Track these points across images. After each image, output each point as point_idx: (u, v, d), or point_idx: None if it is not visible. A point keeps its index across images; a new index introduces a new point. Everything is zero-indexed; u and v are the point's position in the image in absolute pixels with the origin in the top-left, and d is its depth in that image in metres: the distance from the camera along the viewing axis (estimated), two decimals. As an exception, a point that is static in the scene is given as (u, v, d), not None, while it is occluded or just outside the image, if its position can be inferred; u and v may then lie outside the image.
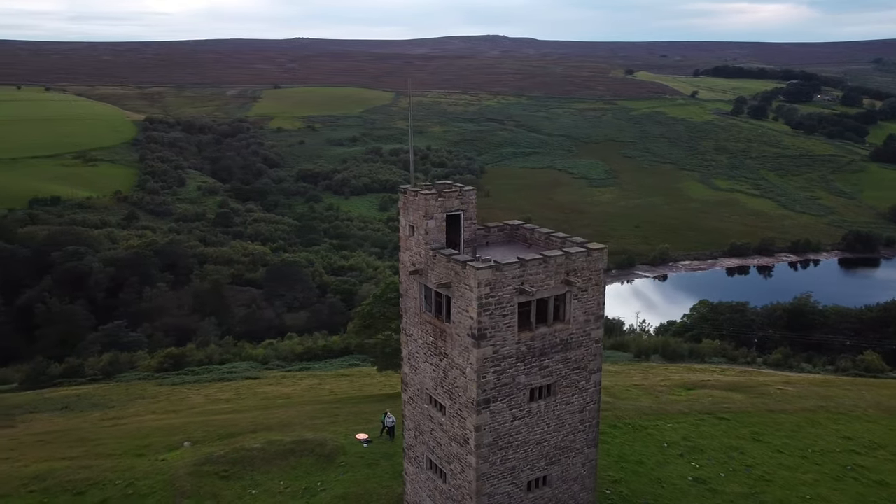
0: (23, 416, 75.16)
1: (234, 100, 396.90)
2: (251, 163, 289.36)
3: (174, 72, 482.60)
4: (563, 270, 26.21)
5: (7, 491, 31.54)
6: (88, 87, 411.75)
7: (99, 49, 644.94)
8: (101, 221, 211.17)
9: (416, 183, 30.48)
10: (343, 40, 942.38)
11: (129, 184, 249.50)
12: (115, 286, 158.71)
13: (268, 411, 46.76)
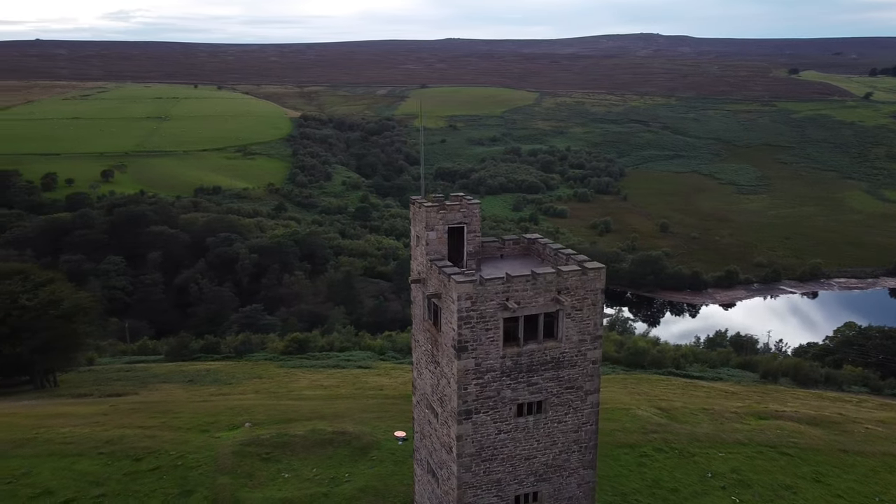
0: (153, 385, 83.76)
1: (382, 99, 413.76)
2: (394, 160, 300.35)
3: (331, 72, 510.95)
4: (553, 288, 26.05)
5: (82, 451, 36.44)
6: (255, 85, 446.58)
7: (267, 51, 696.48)
8: (254, 211, 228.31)
9: (428, 195, 31.37)
10: (492, 40, 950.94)
11: (282, 177, 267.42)
12: (258, 272, 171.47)
13: (333, 401, 49.53)
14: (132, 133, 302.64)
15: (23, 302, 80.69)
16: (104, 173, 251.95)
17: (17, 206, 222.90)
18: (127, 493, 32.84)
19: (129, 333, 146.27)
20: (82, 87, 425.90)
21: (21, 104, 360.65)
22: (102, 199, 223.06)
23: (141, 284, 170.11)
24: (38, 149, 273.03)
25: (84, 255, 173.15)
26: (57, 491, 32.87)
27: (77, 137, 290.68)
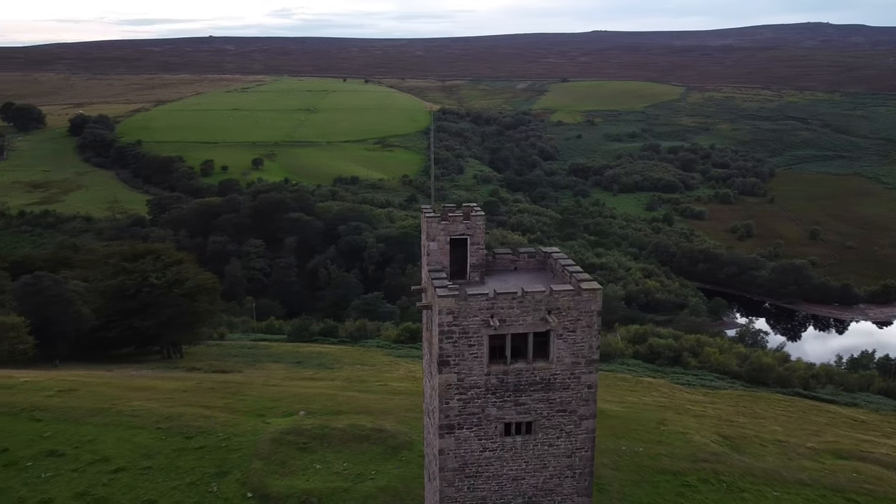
0: (262, 364, 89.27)
1: (522, 93, 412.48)
2: (527, 154, 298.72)
3: (473, 66, 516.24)
4: (542, 307, 25.09)
5: (144, 424, 40.04)
6: (399, 79, 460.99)
7: (414, 45, 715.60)
8: (386, 201, 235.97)
9: (437, 204, 31.09)
10: (640, 32, 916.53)
11: (416, 169, 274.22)
12: (383, 260, 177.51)
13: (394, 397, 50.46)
14: (283, 124, 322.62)
15: (152, 280, 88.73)
16: (255, 161, 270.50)
17: (178, 189, 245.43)
18: (170, 468, 35.67)
19: (256, 312, 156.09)
20: (244, 80, 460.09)
21: (191, 96, 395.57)
22: (251, 185, 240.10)
23: (277, 267, 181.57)
24: (200, 137, 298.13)
25: (229, 237, 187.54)
26: (112, 459, 36.37)
27: (235, 127, 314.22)
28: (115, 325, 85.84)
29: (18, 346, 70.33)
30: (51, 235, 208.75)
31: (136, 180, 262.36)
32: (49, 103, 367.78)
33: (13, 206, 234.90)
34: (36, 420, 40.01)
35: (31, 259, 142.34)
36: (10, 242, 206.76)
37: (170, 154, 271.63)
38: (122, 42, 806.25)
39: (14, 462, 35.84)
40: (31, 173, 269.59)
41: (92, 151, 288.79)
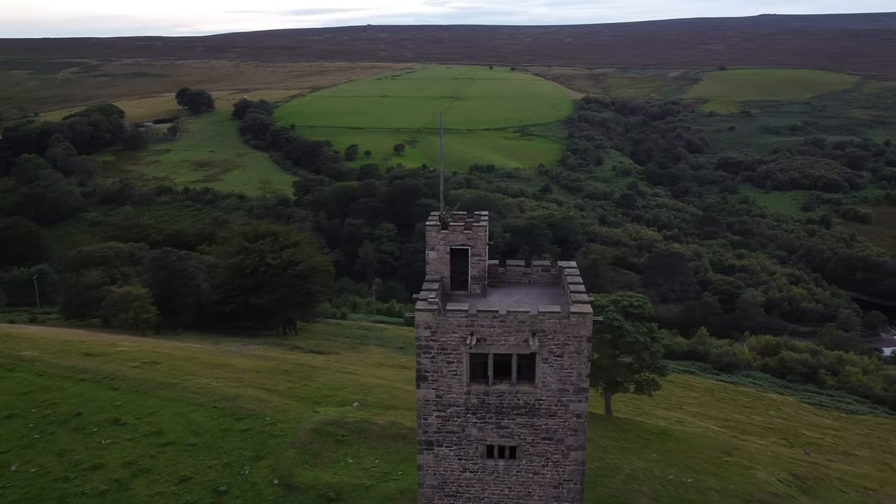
0: (364, 347, 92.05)
1: (673, 81, 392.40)
2: (672, 146, 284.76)
3: (623, 53, 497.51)
4: (526, 329, 23.47)
5: (202, 402, 42.42)
6: (546, 67, 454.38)
7: (564, 32, 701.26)
8: (519, 191, 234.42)
9: (448, 210, 29.84)
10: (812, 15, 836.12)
11: (553, 159, 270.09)
12: (509, 250, 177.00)
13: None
14: (426, 111, 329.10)
15: (268, 260, 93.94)
16: (396, 147, 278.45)
17: (323, 172, 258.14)
18: (213, 447, 37.63)
19: (381, 294, 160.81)
20: (395, 67, 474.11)
21: (344, 83, 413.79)
22: (390, 170, 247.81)
23: (406, 251, 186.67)
24: (348, 123, 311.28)
25: (364, 220, 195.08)
26: (165, 433, 38.99)
27: (381, 114, 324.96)
28: (233, 300, 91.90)
29: (142, 315, 77.21)
30: (209, 211, 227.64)
31: (287, 162, 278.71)
32: (219, 89, 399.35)
33: (180, 182, 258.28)
34: (113, 389, 43.88)
35: (182, 233, 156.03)
36: (174, 216, 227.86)
37: (319, 138, 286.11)
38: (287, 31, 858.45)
39: (83, 427, 39.58)
40: (198, 153, 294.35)
41: (251, 134, 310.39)
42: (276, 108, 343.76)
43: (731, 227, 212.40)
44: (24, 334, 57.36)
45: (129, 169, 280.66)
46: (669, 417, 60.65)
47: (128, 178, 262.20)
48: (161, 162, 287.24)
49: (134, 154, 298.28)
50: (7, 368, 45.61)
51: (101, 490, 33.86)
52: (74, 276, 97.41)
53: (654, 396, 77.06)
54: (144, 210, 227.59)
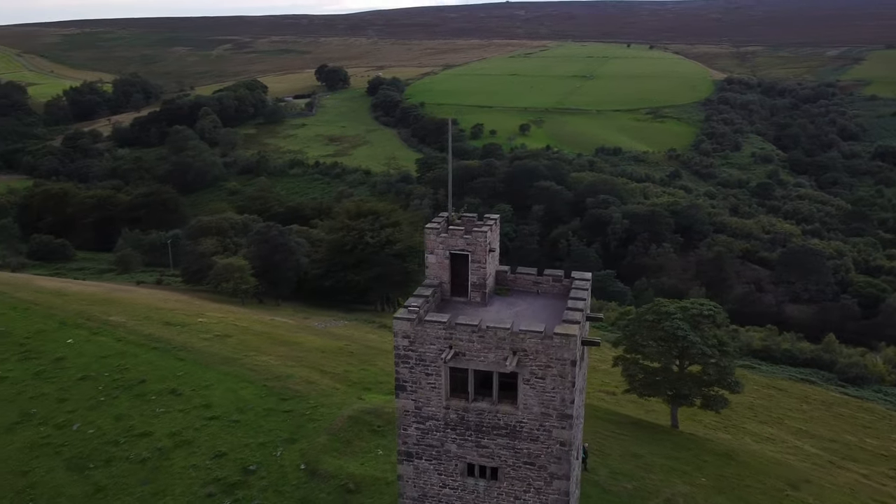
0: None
1: (831, 61, 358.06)
2: (823, 133, 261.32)
3: (775, 30, 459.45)
4: (506, 346, 21.68)
5: (254, 380, 43.49)
6: (688, 45, 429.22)
7: (710, 8, 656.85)
8: (645, 175, 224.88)
9: (457, 211, 28.12)
10: None
11: (686, 142, 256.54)
12: (627, 237, 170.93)
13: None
14: (556, 90, 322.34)
15: (367, 238, 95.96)
16: (522, 127, 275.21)
17: (446, 150, 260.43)
18: (252, 426, 38.72)
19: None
20: (529, 45, 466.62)
21: (476, 61, 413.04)
22: (513, 150, 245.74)
23: (521, 233, 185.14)
24: (477, 101, 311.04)
25: (480, 200, 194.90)
26: (213, 407, 40.55)
27: (510, 92, 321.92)
28: (332, 275, 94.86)
29: (241, 285, 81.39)
30: (336, 185, 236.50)
31: (413, 139, 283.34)
32: (355, 66, 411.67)
33: (312, 156, 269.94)
34: (179, 359, 46.38)
35: (302, 206, 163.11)
36: (304, 188, 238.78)
37: (446, 116, 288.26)
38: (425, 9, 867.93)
39: (143, 394, 42.12)
40: (331, 128, 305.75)
41: (382, 111, 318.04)
42: (407, 86, 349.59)
43: (884, 223, 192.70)
44: (125, 299, 62.12)
45: (268, 142, 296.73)
46: (757, 433, 55.90)
47: (265, 150, 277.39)
48: (296, 136, 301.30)
49: (273, 127, 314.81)
50: (93, 332, 49.56)
51: (144, 457, 35.93)
52: (193, 243, 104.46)
53: (753, 407, 71.62)
54: (277, 181, 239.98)
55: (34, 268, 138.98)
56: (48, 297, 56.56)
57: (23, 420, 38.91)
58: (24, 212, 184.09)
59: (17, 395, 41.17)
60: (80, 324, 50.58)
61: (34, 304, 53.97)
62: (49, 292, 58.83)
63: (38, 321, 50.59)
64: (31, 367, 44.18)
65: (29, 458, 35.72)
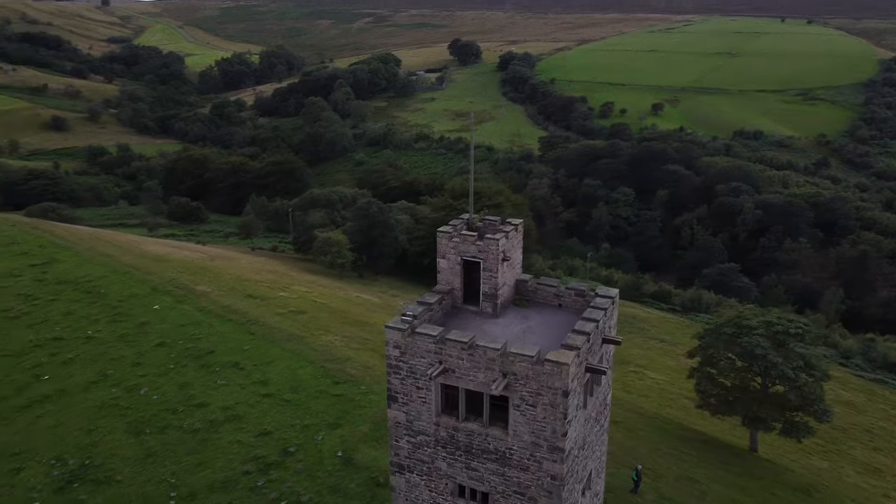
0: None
1: None
2: None
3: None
4: (496, 367, 19.81)
5: (314, 360, 43.89)
6: (853, 20, 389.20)
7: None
8: (787, 163, 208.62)
9: (481, 212, 26.08)
10: None
11: (838, 128, 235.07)
12: (759, 229, 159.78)
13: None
14: (695, 68, 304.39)
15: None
16: (654, 106, 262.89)
17: (573, 129, 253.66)
18: (302, 407, 39.08)
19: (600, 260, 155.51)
20: (671, 20, 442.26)
21: (613, 36, 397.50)
22: (642, 131, 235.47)
23: (642, 218, 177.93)
24: (609, 78, 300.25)
25: (602, 182, 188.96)
26: (269, 384, 41.22)
27: (645, 69, 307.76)
28: (431, 253, 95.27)
29: (337, 259, 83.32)
30: (458, 160, 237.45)
31: (540, 117, 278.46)
32: (489, 40, 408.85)
33: (437, 130, 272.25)
34: (250, 333, 47.87)
35: (416, 182, 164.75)
36: (427, 162, 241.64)
37: (576, 93, 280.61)
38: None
39: (209, 365, 43.78)
40: (459, 103, 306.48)
41: (510, 87, 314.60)
42: (539, 61, 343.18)
43: None
44: (220, 268, 65.25)
45: (396, 115, 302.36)
46: (866, 462, 50.15)
47: (393, 123, 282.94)
48: (425, 110, 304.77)
49: (402, 101, 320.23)
50: (178, 299, 52.30)
51: (196, 428, 37.39)
52: (303, 214, 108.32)
53: (872, 431, 64.86)
54: (402, 154, 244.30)
55: (170, 227, 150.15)
56: (149, 263, 60.41)
57: (99, 380, 41.77)
58: (169, 174, 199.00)
59: (100, 356, 44.27)
60: (169, 291, 53.59)
61: (134, 269, 57.86)
62: (151, 258, 62.88)
63: (133, 286, 54.16)
64: (118, 330, 47.34)
65: (97, 418, 38.28)
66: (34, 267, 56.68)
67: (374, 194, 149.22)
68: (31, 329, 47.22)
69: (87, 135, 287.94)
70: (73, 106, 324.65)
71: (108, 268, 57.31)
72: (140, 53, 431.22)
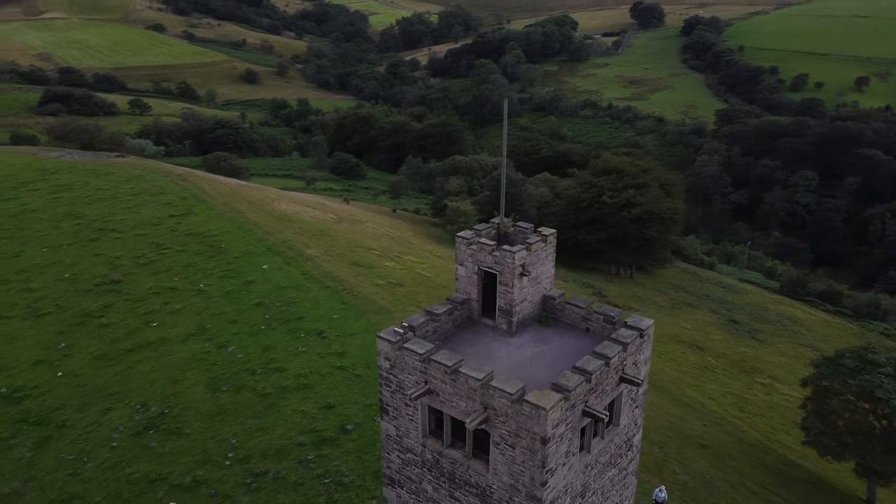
0: (692, 311, 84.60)
1: None
2: None
3: None
4: (476, 398, 17.51)
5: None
6: None
7: None
8: None
9: (511, 221, 23.02)
10: None
11: None
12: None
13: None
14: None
15: (605, 198, 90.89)
16: (858, 81, 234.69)
17: (757, 102, 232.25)
18: (370, 385, 38.36)
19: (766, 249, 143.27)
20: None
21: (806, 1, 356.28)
22: (839, 108, 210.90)
23: (824, 207, 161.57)
24: (807, 47, 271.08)
25: (781, 163, 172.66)
26: (345, 356, 40.95)
27: (853, 38, 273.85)
28: (563, 231, 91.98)
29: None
30: (624, 130, 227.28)
31: (721, 87, 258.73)
32: (675, 2, 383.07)
33: (607, 97, 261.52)
34: (342, 302, 48.20)
35: (571, 151, 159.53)
36: (591, 131, 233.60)
37: (766, 63, 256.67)
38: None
39: (296, 330, 44.63)
40: (633, 69, 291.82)
41: (692, 53, 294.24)
42: (728, 27, 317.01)
43: None
44: (339, 231, 66.85)
45: (566, 80, 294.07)
46: None
47: (562, 89, 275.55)
48: (596, 76, 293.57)
49: (574, 65, 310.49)
50: (287, 261, 54.17)
51: (267, 392, 38.60)
52: (443, 180, 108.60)
53: None
54: (566, 122, 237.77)
55: (329, 181, 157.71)
56: (273, 222, 63.20)
57: (197, 333, 44.41)
58: (338, 130, 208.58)
59: (204, 310, 47.05)
60: (281, 252, 55.70)
61: (257, 227, 60.76)
62: (278, 217, 65.72)
63: (251, 244, 56.92)
64: (226, 286, 50.04)
65: (186, 369, 40.76)
66: (172, 217, 61.40)
67: (524, 163, 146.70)
68: (154, 277, 51.20)
69: (274, 88, 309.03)
70: (265, 60, 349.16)
71: (234, 224, 60.71)
72: (329, 11, 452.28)
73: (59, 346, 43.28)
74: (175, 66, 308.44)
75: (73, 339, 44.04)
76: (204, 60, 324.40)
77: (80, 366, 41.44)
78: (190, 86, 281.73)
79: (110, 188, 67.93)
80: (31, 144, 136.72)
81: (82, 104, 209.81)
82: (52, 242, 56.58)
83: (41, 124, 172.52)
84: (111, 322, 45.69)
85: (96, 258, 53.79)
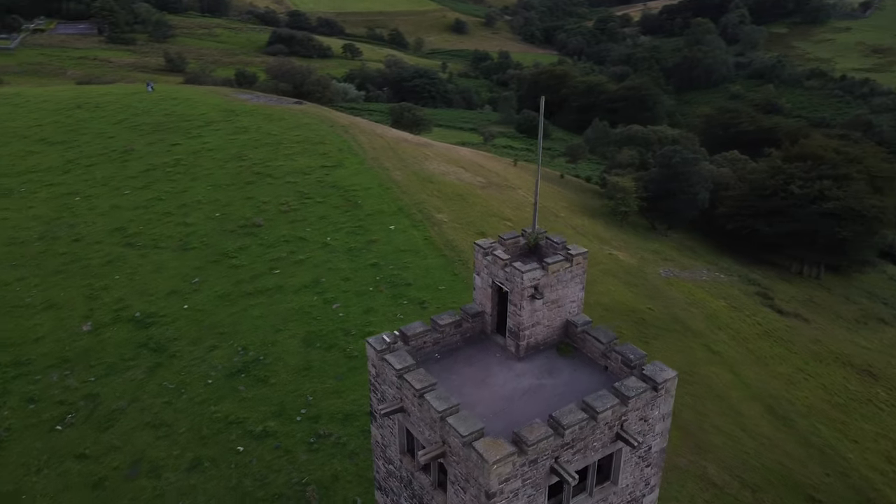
0: (875, 325, 74.46)
1: None
2: None
3: None
4: (437, 429, 15.49)
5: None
6: None
7: None
8: None
9: (537, 232, 19.64)
10: None
11: None
12: None
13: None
14: None
15: (793, 188, 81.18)
16: None
17: None
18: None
19: None
20: None
21: None
22: None
23: None
24: None
25: None
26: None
27: None
28: (738, 218, 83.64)
29: (620, 207, 77.80)
30: (856, 106, 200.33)
31: None
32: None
33: (840, 68, 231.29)
34: (453, 273, 47.28)
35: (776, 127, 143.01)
36: (814, 105, 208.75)
37: None
38: None
39: (400, 296, 43.59)
40: (881, 36, 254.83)
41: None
42: None
43: None
44: (479, 197, 65.29)
45: (795, 45, 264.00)
46: None
47: (787, 55, 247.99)
48: (833, 41, 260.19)
49: (809, 28, 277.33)
50: (413, 224, 53.88)
51: (354, 355, 38.70)
52: (616, 150, 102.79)
53: None
54: (787, 92, 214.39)
55: (511, 139, 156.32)
56: (414, 182, 63.39)
57: (311, 285, 46.09)
58: (531, 87, 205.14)
59: (324, 263, 48.64)
60: (411, 214, 55.81)
61: (396, 186, 61.35)
62: (422, 176, 65.76)
63: (386, 202, 57.68)
64: (350, 242, 51.25)
65: (290, 320, 42.55)
66: (323, 168, 63.97)
67: (717, 137, 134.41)
68: (290, 225, 53.89)
69: (480, 39, 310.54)
70: (475, 10, 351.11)
71: (375, 180, 61.90)
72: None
73: (193, 281, 47.22)
74: (389, 13, 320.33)
75: (206, 276, 47.80)
76: (416, 8, 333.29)
77: (204, 301, 44.94)
78: (400, 33, 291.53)
79: (278, 133, 72.25)
80: (250, 84, 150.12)
81: (301, 46, 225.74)
82: (215, 181, 61.59)
83: (265, 63, 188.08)
84: (241, 264, 48.91)
85: (246, 201, 57.69)
